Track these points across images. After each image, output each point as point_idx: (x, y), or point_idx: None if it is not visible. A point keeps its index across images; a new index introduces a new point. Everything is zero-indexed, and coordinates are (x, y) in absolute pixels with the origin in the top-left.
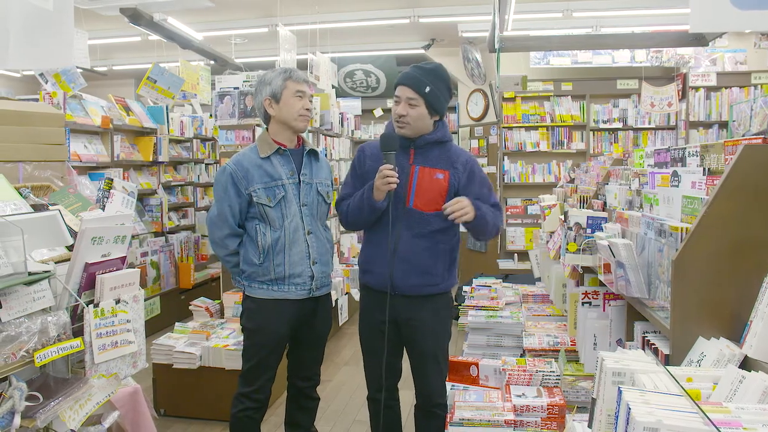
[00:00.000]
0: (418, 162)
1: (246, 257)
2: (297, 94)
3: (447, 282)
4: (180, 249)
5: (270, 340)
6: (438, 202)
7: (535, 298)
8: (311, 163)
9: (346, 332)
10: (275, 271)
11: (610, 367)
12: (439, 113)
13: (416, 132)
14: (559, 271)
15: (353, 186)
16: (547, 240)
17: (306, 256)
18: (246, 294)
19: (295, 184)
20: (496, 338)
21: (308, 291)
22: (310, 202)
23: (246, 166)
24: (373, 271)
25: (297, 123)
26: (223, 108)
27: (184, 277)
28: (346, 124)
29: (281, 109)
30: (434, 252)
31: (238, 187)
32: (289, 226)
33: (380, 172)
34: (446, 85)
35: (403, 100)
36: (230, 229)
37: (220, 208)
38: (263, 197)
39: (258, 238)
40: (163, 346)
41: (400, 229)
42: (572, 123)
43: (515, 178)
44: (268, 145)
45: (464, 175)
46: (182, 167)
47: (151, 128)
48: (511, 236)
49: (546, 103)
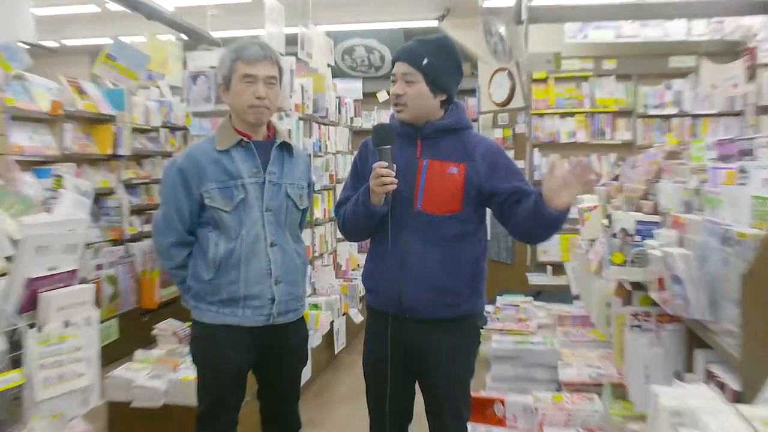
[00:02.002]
0: (426, 155)
1: (195, 272)
2: (245, 79)
3: (470, 302)
4: (143, 261)
5: (225, 375)
6: (452, 202)
7: (573, 320)
8: (282, 159)
9: (344, 362)
10: (227, 291)
11: (666, 406)
12: (445, 91)
13: (418, 116)
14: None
15: (353, 188)
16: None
17: (266, 274)
18: (193, 318)
19: (259, 184)
20: (526, 369)
21: (267, 317)
22: (275, 207)
23: (199, 160)
24: (378, 289)
25: (247, 116)
26: (197, 91)
27: (147, 294)
28: (344, 110)
29: (231, 97)
30: (452, 263)
31: (188, 185)
32: (246, 236)
33: (374, 171)
34: (451, 58)
35: (399, 77)
36: (177, 236)
37: (166, 211)
38: (218, 199)
39: (209, 249)
40: (121, 379)
41: (408, 237)
42: (616, 108)
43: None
44: (229, 136)
45: (484, 167)
46: (147, 162)
47: (109, 115)
48: (543, 245)
49: (584, 84)
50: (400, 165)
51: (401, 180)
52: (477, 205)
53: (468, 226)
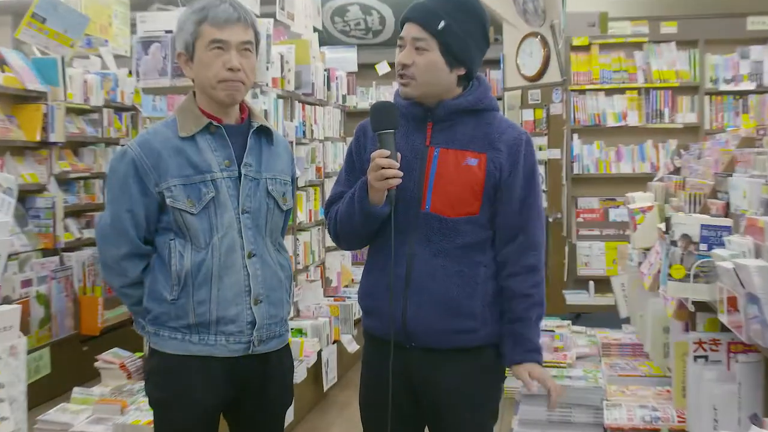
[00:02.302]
0: (439, 142)
1: (153, 290)
2: (214, 46)
3: (491, 327)
4: (82, 275)
5: (191, 419)
6: (469, 202)
7: (622, 349)
8: (260, 147)
9: (335, 401)
10: (196, 313)
11: None
12: (465, 64)
13: (428, 93)
14: (659, 309)
15: (347, 183)
16: (638, 261)
17: (244, 292)
18: (152, 347)
19: (233, 179)
20: (563, 411)
21: (246, 345)
22: (254, 208)
23: (157, 149)
24: (377, 310)
25: (217, 92)
26: (149, 62)
27: (87, 317)
28: (334, 85)
29: (195, 70)
30: (469, 279)
31: (143, 181)
32: (219, 245)
33: (373, 162)
34: (476, 21)
35: (407, 42)
36: (130, 245)
37: (115, 214)
38: (182, 198)
39: (171, 262)
40: (55, 423)
41: (414, 245)
42: (677, 83)
43: (590, 167)
44: (194, 119)
45: (509, 161)
46: (86, 151)
47: (38, 92)
48: (584, 255)
49: (637, 53)
50: (406, 154)
51: (406, 173)
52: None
53: (488, 232)
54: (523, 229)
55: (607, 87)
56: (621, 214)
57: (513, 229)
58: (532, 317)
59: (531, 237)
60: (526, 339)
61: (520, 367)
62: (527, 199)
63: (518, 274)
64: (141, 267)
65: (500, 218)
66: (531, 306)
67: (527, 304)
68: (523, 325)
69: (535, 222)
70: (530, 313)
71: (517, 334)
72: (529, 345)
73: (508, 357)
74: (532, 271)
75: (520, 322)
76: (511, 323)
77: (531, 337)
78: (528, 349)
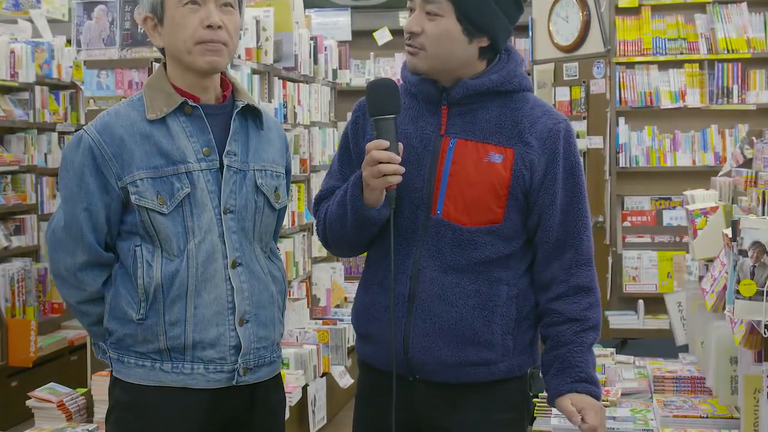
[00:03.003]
0: (455, 131)
1: (115, 308)
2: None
3: (513, 358)
4: (11, 293)
5: None
6: (490, 207)
7: (679, 383)
8: (247, 132)
9: None
10: (168, 336)
11: None
12: (489, 33)
13: (442, 68)
14: (725, 334)
15: (341, 176)
16: (699, 275)
17: (227, 309)
18: (114, 376)
19: (213, 171)
20: None
21: (230, 374)
22: (239, 207)
23: (120, 134)
24: (375, 336)
25: (194, 57)
26: (93, 28)
27: (17, 345)
28: (323, 58)
29: (167, 34)
30: (487, 300)
31: (103, 174)
32: (196, 252)
33: (368, 154)
34: None
35: (417, 4)
36: (88, 252)
37: (70, 215)
38: (150, 196)
39: (138, 273)
40: None
41: (421, 258)
42: (749, 55)
43: (639, 158)
44: (164, 97)
45: (543, 160)
46: (15, 139)
47: None
48: (632, 268)
49: (699, 16)
50: (414, 144)
51: (415, 169)
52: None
53: (513, 245)
54: (571, 243)
55: (662, 59)
56: (678, 217)
57: (557, 244)
58: (585, 342)
59: (581, 252)
60: (574, 366)
61: (564, 398)
62: (572, 207)
63: (568, 296)
64: (102, 279)
65: (540, 233)
66: (584, 330)
67: (579, 327)
68: (571, 350)
69: (584, 233)
70: (582, 338)
71: (564, 360)
72: (579, 373)
73: (551, 388)
74: (585, 291)
75: (568, 347)
76: (557, 349)
77: (581, 364)
78: (576, 378)
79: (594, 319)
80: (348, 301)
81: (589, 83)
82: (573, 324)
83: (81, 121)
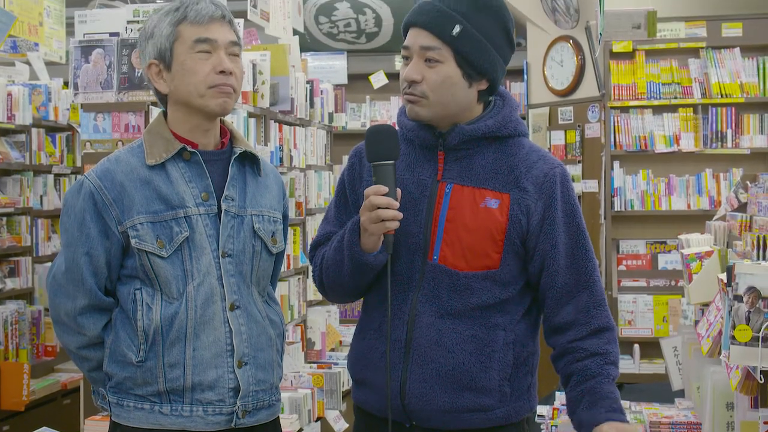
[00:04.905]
0: (452, 176)
1: (116, 351)
2: (200, 47)
3: (510, 404)
4: (4, 336)
5: None
6: (487, 253)
7: (676, 428)
8: (245, 178)
9: None
10: (167, 378)
11: None
12: (488, 75)
13: (443, 114)
14: (721, 379)
15: (338, 221)
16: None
17: (225, 352)
18: (113, 420)
19: (211, 216)
20: None
21: (229, 417)
22: (237, 251)
23: (120, 180)
24: (371, 381)
25: (206, 101)
26: (90, 71)
27: (10, 389)
28: (319, 101)
29: (175, 79)
30: (484, 345)
31: (104, 219)
32: (195, 295)
33: (367, 199)
34: (499, 21)
35: (414, 52)
36: (88, 296)
37: (70, 259)
38: (149, 240)
39: (138, 316)
40: None
41: (418, 304)
42: (743, 99)
43: (634, 202)
44: (164, 143)
45: (539, 205)
46: (10, 181)
47: None
48: (627, 312)
49: (692, 61)
50: (411, 190)
51: (411, 215)
52: (525, 259)
53: (510, 291)
54: (585, 285)
55: (656, 104)
56: (673, 261)
57: (567, 288)
58: (610, 375)
59: (596, 293)
60: (605, 397)
61: (603, 426)
62: (578, 249)
63: (588, 338)
64: (101, 323)
65: (545, 277)
66: (607, 363)
67: (603, 360)
68: (600, 382)
69: (594, 273)
70: (607, 370)
71: (594, 392)
72: (612, 404)
73: (586, 419)
74: (605, 330)
75: (596, 379)
76: (585, 382)
77: (611, 395)
78: (610, 408)
79: (614, 354)
80: (343, 344)
81: (584, 127)
82: (597, 357)
83: (77, 164)
